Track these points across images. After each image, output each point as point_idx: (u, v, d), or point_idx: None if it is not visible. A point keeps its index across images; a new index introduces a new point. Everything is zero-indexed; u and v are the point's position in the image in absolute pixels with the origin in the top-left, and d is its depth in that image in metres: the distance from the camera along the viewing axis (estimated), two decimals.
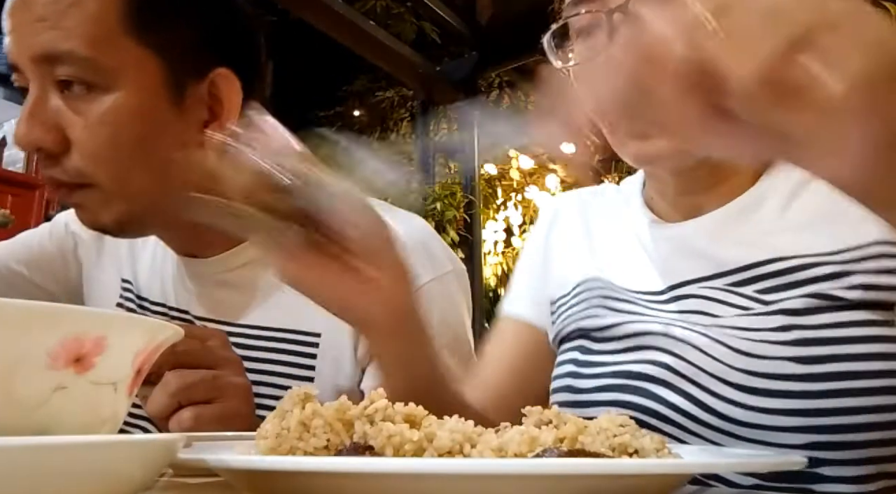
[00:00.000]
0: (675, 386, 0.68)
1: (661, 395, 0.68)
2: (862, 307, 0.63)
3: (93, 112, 0.74)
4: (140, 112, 0.76)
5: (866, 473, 0.61)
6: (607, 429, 0.40)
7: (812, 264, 0.66)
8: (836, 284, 0.64)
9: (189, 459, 0.37)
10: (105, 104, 0.74)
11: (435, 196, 5.14)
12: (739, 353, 0.65)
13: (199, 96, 0.80)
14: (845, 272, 0.64)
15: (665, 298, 0.74)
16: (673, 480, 0.41)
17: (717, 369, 0.66)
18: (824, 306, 0.63)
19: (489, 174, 7.20)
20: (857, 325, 0.62)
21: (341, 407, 0.40)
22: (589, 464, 0.34)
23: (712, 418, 0.65)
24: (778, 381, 0.62)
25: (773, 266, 0.68)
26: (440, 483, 0.34)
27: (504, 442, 0.38)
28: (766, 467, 0.37)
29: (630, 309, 0.75)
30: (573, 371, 0.75)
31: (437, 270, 0.89)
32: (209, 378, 0.66)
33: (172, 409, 0.64)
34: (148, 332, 0.38)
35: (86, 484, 0.29)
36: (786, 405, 0.61)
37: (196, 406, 0.65)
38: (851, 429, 0.59)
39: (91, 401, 0.35)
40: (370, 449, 0.37)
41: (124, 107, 0.75)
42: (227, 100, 0.81)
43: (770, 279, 0.67)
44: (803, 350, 0.62)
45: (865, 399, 0.59)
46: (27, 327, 0.32)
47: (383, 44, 4.13)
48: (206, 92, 0.80)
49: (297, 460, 0.36)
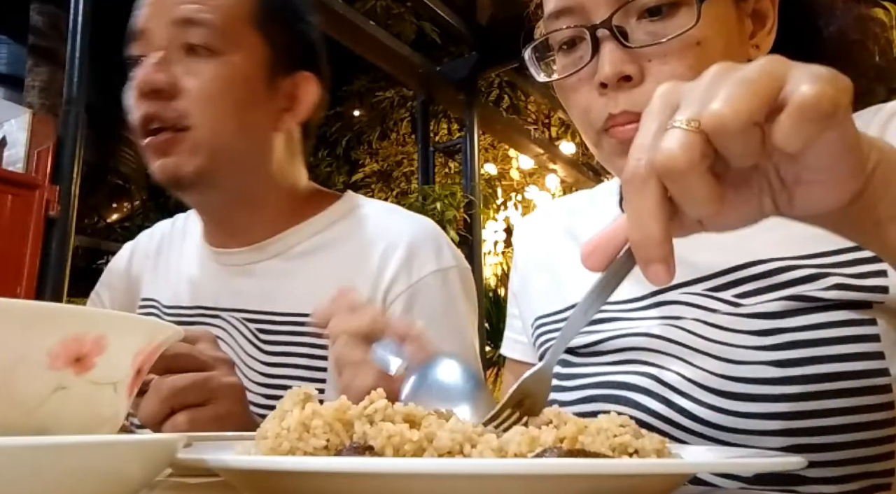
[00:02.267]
0: (656, 393, 0.68)
1: (642, 403, 0.68)
2: (840, 307, 0.62)
3: (209, 70, 0.90)
4: (243, 80, 0.92)
5: (850, 473, 0.60)
6: (607, 429, 0.40)
7: (789, 267, 0.65)
8: (814, 286, 0.63)
9: (189, 459, 0.36)
10: (220, 67, 0.91)
11: (435, 196, 5.14)
12: (719, 359, 0.65)
13: (286, 88, 0.97)
14: (823, 274, 0.64)
15: (645, 304, 0.74)
16: (673, 480, 0.41)
17: (697, 375, 0.66)
18: (802, 308, 0.63)
19: (489, 174, 7.21)
20: (835, 326, 0.62)
21: (341, 407, 0.40)
22: (589, 464, 0.34)
23: (694, 424, 0.65)
24: (757, 385, 0.62)
25: (751, 269, 0.67)
26: (440, 483, 0.34)
27: (504, 442, 0.38)
28: (766, 467, 0.37)
29: (612, 327, 0.75)
30: (555, 384, 0.75)
31: (441, 264, 0.96)
32: (200, 380, 0.66)
33: (165, 415, 0.64)
34: (148, 332, 0.38)
35: (86, 484, 0.29)
36: (766, 409, 0.61)
37: (189, 409, 0.65)
38: (832, 431, 0.59)
39: (91, 401, 0.35)
40: (370, 449, 0.37)
41: (232, 73, 0.91)
42: (304, 98, 0.99)
43: (748, 283, 0.67)
44: (781, 353, 0.62)
45: (845, 400, 0.59)
46: (27, 327, 0.32)
47: (383, 44, 4.12)
48: (291, 87, 0.97)
49: (297, 460, 0.36)
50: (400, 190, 8.59)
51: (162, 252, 1.12)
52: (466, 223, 5.22)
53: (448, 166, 7.60)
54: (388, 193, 8.77)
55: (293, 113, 0.98)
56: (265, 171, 0.98)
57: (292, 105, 0.98)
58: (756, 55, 0.70)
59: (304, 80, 0.99)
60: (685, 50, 0.64)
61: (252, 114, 0.94)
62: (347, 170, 9.30)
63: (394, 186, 8.85)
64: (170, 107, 0.89)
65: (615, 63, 0.64)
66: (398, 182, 8.81)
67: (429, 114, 5.38)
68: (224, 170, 0.93)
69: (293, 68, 0.97)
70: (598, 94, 0.67)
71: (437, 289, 0.95)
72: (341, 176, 9.25)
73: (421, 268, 0.95)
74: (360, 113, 8.22)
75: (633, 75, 0.64)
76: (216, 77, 0.91)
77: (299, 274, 0.97)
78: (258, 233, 1.00)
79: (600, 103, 0.67)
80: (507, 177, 7.63)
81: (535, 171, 7.38)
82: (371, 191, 9.31)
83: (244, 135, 0.93)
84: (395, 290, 0.94)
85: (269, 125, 0.96)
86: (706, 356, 0.66)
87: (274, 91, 0.96)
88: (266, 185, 0.98)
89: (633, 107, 0.64)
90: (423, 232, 1.00)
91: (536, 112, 7.52)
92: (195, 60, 0.91)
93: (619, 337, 0.73)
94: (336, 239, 1.00)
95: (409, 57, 4.40)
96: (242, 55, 0.93)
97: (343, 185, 9.53)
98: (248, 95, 0.93)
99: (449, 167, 7.59)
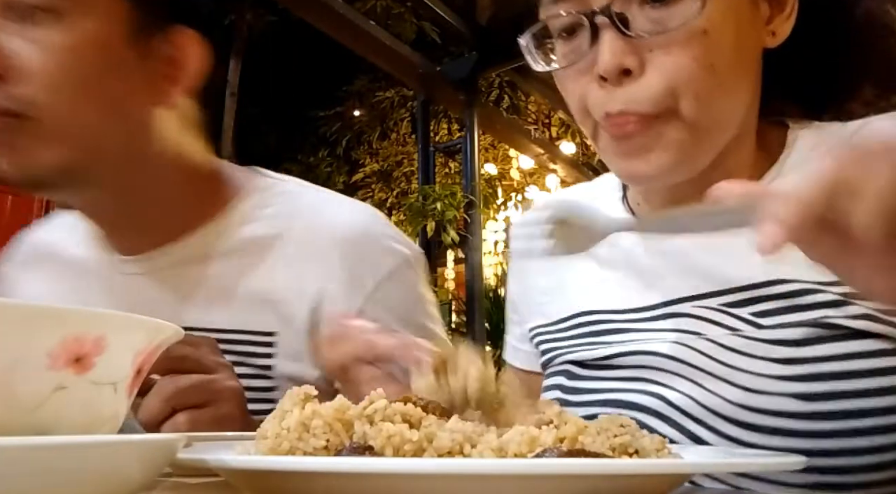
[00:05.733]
0: (667, 417, 0.64)
1: (653, 427, 0.64)
2: (867, 336, 0.58)
3: (52, 37, 0.71)
4: (99, 46, 0.73)
5: None
6: (607, 429, 0.40)
7: (815, 290, 0.61)
8: (840, 312, 0.59)
9: (189, 459, 0.37)
10: (65, 32, 0.72)
11: (435, 196, 5.15)
12: (735, 386, 0.61)
13: (161, 51, 0.78)
14: (850, 302, 0.59)
15: (657, 314, 0.70)
16: (673, 480, 0.41)
17: (711, 401, 0.62)
18: (826, 336, 0.59)
19: (489, 174, 7.21)
20: (862, 357, 0.57)
21: (341, 407, 0.40)
22: (589, 464, 0.34)
23: None
24: (778, 418, 0.58)
25: (773, 288, 0.63)
26: (440, 483, 0.34)
27: (504, 442, 0.38)
28: (766, 467, 0.37)
29: (621, 339, 0.71)
30: (560, 398, 0.72)
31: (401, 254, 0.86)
32: (203, 382, 0.66)
33: (166, 415, 0.64)
34: (148, 332, 0.38)
35: (86, 484, 0.29)
36: (787, 444, 0.57)
37: (190, 410, 0.65)
38: (859, 470, 0.56)
39: (91, 401, 0.35)
40: (370, 449, 0.37)
41: (84, 38, 0.72)
42: (187, 61, 0.79)
43: (768, 301, 0.63)
44: (805, 386, 0.58)
45: (873, 438, 0.56)
46: (27, 327, 0.32)
47: (383, 44, 4.13)
48: (168, 48, 0.78)
49: (297, 460, 0.36)
50: (400, 190, 8.59)
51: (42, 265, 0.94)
52: (466, 223, 5.23)
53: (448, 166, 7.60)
54: (388, 193, 8.77)
55: (175, 81, 0.79)
56: (153, 157, 0.80)
57: (173, 71, 0.79)
58: (772, 42, 0.65)
59: (184, 38, 0.79)
60: (690, 39, 0.59)
61: (118, 88, 0.76)
62: (347, 170, 9.31)
63: (394, 186, 8.85)
64: (4, 91, 0.71)
65: (615, 55, 0.60)
66: (398, 182, 8.81)
67: (429, 114, 5.39)
68: (96, 162, 0.76)
69: (167, 24, 0.78)
70: (598, 86, 0.63)
71: (404, 282, 0.86)
72: (341, 176, 9.25)
73: (381, 265, 0.84)
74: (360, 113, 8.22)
75: (633, 68, 0.60)
76: (63, 46, 0.72)
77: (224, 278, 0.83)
78: (169, 230, 0.84)
79: (599, 96, 0.63)
80: (508, 177, 7.64)
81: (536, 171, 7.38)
82: (371, 191, 9.31)
83: (113, 116, 0.76)
84: (361, 293, 0.83)
85: (146, 100, 0.78)
86: (721, 381, 0.62)
87: (145, 56, 0.77)
88: (159, 173, 0.82)
89: (632, 106, 0.61)
90: (372, 221, 0.88)
91: (536, 112, 7.52)
92: (32, 27, 0.71)
93: (629, 354, 0.69)
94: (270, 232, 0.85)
95: (409, 57, 4.41)
96: (95, 14, 0.73)
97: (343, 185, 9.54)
98: (109, 65, 0.74)
99: (449, 167, 7.60)
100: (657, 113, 0.61)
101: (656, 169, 0.63)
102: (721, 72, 0.61)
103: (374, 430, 0.38)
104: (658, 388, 0.66)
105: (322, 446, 0.38)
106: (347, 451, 0.37)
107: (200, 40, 0.80)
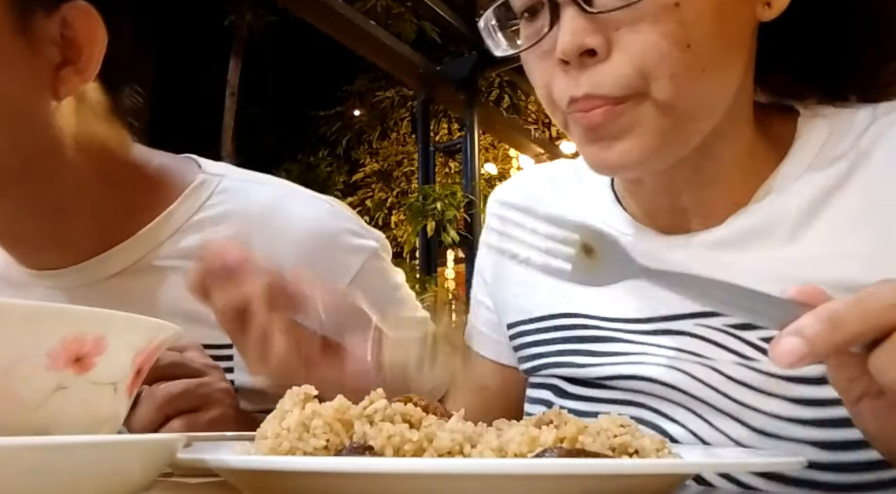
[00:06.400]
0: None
1: None
2: None
3: None
4: None
5: None
6: (607, 430, 0.40)
7: None
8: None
9: (189, 459, 0.37)
10: None
11: (435, 196, 5.15)
12: (748, 428, 0.56)
13: (50, 33, 0.65)
14: None
15: (653, 329, 0.63)
16: (673, 480, 0.41)
17: (719, 441, 0.57)
18: None
19: (489, 174, 7.21)
20: None
21: (341, 408, 0.40)
22: (589, 464, 0.34)
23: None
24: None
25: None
26: (440, 483, 0.34)
27: (504, 442, 0.38)
28: (766, 467, 0.37)
29: (612, 350, 0.64)
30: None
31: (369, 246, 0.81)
32: (193, 386, 0.65)
33: (160, 422, 0.64)
34: (148, 332, 0.38)
35: (86, 484, 0.29)
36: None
37: (185, 415, 0.64)
38: None
39: (91, 401, 0.35)
40: (370, 449, 0.37)
41: None
42: (86, 42, 0.66)
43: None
44: (827, 433, 0.53)
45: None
46: (27, 327, 0.32)
47: (383, 44, 4.13)
48: (59, 29, 0.65)
49: (297, 460, 0.36)
50: (400, 189, 8.60)
51: None
52: (466, 223, 5.23)
53: (448, 166, 7.61)
54: (388, 193, 8.78)
55: (75, 66, 0.66)
56: (58, 159, 0.69)
57: (71, 54, 0.66)
58: (768, 15, 0.57)
59: (79, 15, 0.65)
60: (660, 14, 0.52)
61: (5, 84, 0.63)
62: (347, 169, 9.32)
63: (394, 186, 8.86)
64: None
65: (576, 34, 0.53)
66: (398, 181, 8.82)
67: (429, 114, 5.39)
68: None
69: (53, 1, 0.65)
70: (562, 71, 0.56)
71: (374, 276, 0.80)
72: (341, 176, 9.27)
73: (349, 266, 0.78)
74: (360, 113, 8.22)
75: (597, 49, 0.53)
76: None
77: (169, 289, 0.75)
78: (88, 245, 0.75)
79: (563, 82, 0.56)
80: (508, 176, 7.62)
81: None
82: (371, 190, 9.33)
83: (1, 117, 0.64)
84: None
85: (40, 91, 0.65)
86: (729, 418, 0.57)
87: (32, 40, 0.64)
88: (68, 177, 0.70)
89: (597, 90, 0.54)
90: (329, 217, 0.81)
91: (537, 112, 7.52)
92: None
93: (625, 378, 0.63)
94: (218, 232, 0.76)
95: (409, 56, 4.41)
96: None
97: (343, 185, 9.55)
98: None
99: (449, 167, 7.60)
100: (625, 96, 0.54)
101: (628, 158, 0.56)
102: (699, 49, 0.53)
103: (374, 430, 0.38)
104: (657, 418, 0.61)
105: (322, 446, 0.38)
106: (347, 451, 0.37)
107: (95, 14, 0.66)
